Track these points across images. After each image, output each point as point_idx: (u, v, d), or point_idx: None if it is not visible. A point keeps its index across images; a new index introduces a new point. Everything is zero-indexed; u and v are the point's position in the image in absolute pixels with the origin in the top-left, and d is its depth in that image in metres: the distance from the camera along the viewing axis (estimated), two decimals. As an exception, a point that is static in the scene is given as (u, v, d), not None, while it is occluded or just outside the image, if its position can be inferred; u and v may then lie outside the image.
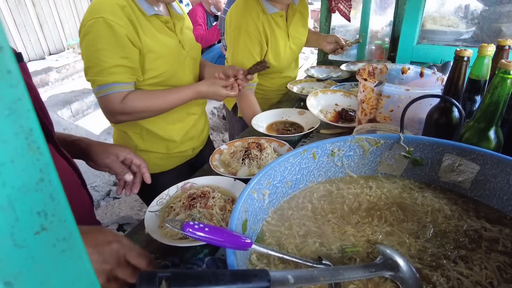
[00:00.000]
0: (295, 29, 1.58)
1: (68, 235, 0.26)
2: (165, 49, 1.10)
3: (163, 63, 1.10)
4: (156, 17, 1.08)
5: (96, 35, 0.97)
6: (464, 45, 1.47)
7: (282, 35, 1.51)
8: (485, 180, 0.62)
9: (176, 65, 1.15)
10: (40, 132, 0.22)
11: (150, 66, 1.07)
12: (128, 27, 0.99)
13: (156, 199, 0.78)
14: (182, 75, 1.19)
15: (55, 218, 0.25)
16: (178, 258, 0.65)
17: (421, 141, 0.67)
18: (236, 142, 1.06)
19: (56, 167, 0.72)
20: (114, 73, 1.00)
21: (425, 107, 0.86)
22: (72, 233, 0.26)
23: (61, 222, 0.25)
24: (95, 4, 0.99)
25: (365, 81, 0.90)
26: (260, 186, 0.56)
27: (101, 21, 0.96)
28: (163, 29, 1.11)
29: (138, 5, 1.04)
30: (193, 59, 1.25)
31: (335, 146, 0.67)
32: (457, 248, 0.53)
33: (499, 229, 0.56)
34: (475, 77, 0.85)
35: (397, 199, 0.65)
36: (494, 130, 0.68)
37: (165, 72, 1.12)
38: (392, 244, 0.54)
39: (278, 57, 1.53)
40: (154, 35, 1.07)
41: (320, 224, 0.59)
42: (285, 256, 0.45)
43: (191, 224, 0.38)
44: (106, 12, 0.97)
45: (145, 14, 1.05)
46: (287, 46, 1.55)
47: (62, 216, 0.25)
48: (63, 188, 0.72)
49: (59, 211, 0.25)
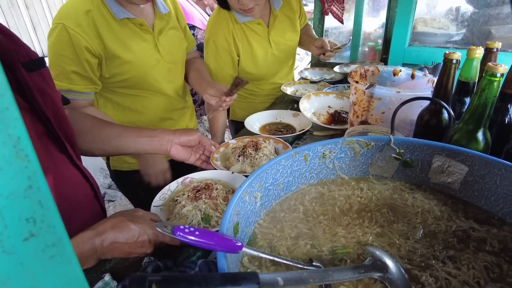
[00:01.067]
0: (280, 35, 1.56)
1: (57, 241, 0.26)
2: (132, 54, 1.09)
3: (130, 68, 1.09)
4: (128, 20, 1.07)
5: (55, 40, 0.98)
6: (455, 47, 1.49)
7: (262, 42, 1.51)
8: (474, 181, 0.63)
9: (145, 70, 1.13)
10: (28, 141, 0.23)
11: (117, 71, 1.08)
12: (89, 36, 0.99)
13: (159, 195, 0.82)
14: (152, 80, 1.17)
15: (44, 224, 0.25)
16: (172, 261, 0.65)
17: (411, 143, 0.68)
18: (245, 139, 1.09)
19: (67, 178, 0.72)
20: (70, 79, 1.00)
21: (416, 108, 0.87)
22: (62, 238, 0.26)
23: (50, 228, 0.25)
24: (61, 8, 1.01)
25: (356, 83, 0.91)
26: (252, 189, 0.57)
27: (61, 27, 0.97)
28: (135, 33, 1.10)
29: (108, 9, 1.03)
30: (170, 63, 1.22)
31: (327, 148, 0.68)
32: (446, 248, 0.54)
33: (486, 229, 0.57)
34: (464, 79, 0.86)
35: (387, 200, 0.66)
36: (482, 131, 0.70)
37: (133, 77, 1.11)
38: (382, 245, 0.55)
39: (256, 65, 1.53)
40: (120, 40, 1.06)
41: (312, 226, 0.59)
42: (275, 258, 0.46)
43: (182, 228, 0.38)
44: (68, 19, 0.97)
45: (114, 18, 1.04)
46: (269, 53, 1.53)
47: (51, 222, 0.25)
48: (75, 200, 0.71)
49: (48, 217, 0.25)
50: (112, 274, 0.67)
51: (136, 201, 1.46)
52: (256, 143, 0.99)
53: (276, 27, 1.53)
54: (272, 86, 1.68)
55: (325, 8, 1.90)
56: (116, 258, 0.70)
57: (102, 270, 0.68)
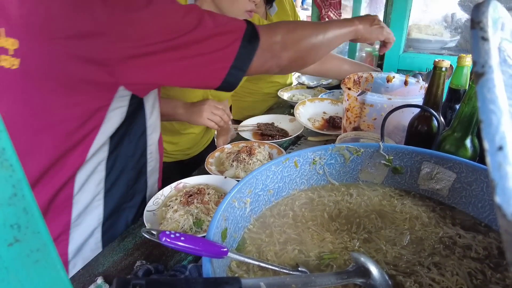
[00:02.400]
0: None
1: (42, 246, 0.27)
2: None
3: None
4: None
5: None
6: (449, 54, 1.50)
7: None
8: (462, 187, 0.64)
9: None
10: (13, 151, 0.24)
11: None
12: None
13: (152, 199, 0.83)
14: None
15: (28, 230, 0.26)
16: (162, 265, 0.66)
17: (400, 150, 0.69)
18: (240, 144, 1.10)
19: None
20: None
21: (409, 115, 0.88)
22: (46, 244, 0.27)
23: (34, 234, 0.26)
24: None
25: (349, 90, 0.92)
26: (241, 195, 0.58)
27: None
28: None
29: None
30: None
31: (317, 154, 0.69)
32: (431, 254, 0.55)
33: (472, 235, 0.58)
34: (455, 87, 0.87)
35: (376, 206, 0.67)
36: (470, 139, 0.71)
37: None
38: (369, 251, 0.56)
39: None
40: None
41: (300, 232, 0.60)
42: (261, 263, 0.46)
43: (167, 234, 0.39)
44: None
45: None
46: None
47: (35, 228, 0.26)
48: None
49: (32, 223, 0.26)
50: (104, 277, 0.67)
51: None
52: (250, 148, 1.01)
53: None
54: (270, 85, 1.69)
55: (322, 14, 1.92)
56: (109, 262, 0.71)
57: (94, 273, 0.69)
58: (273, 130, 1.26)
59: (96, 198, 0.81)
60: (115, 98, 0.72)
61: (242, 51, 0.72)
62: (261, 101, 1.72)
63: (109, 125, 0.74)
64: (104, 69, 0.66)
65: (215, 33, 0.69)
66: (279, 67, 0.80)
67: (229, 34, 0.71)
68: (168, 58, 0.67)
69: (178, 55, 0.68)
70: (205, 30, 0.69)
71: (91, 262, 0.71)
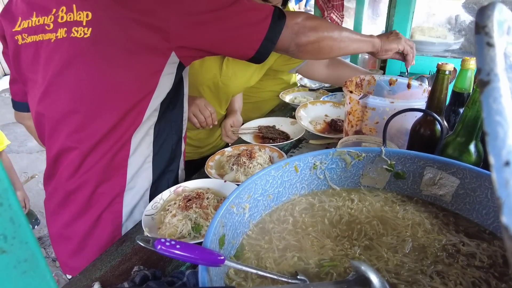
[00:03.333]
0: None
1: (30, 257, 0.26)
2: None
3: None
4: None
5: None
6: (453, 56, 1.49)
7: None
8: (465, 194, 0.63)
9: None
10: None
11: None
12: None
13: (151, 203, 0.82)
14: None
15: (15, 241, 0.25)
16: (160, 271, 0.65)
17: (402, 155, 0.68)
18: (241, 147, 1.09)
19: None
20: None
21: (411, 118, 0.87)
22: (34, 254, 0.27)
23: (22, 244, 0.26)
24: None
25: (350, 93, 0.91)
26: (239, 200, 0.57)
27: None
28: None
29: None
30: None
31: (317, 159, 0.68)
32: (434, 263, 0.53)
33: (476, 243, 0.57)
34: (459, 90, 0.86)
35: (378, 212, 0.65)
36: (474, 144, 0.69)
37: None
38: (370, 259, 0.54)
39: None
40: None
41: (300, 238, 0.59)
42: (259, 272, 0.45)
43: (163, 241, 0.38)
44: None
45: None
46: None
47: (23, 238, 0.26)
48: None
49: (20, 233, 0.25)
50: (101, 283, 0.67)
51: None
52: (251, 151, 1.00)
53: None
54: (273, 83, 1.67)
55: (325, 16, 1.91)
56: (106, 267, 0.70)
57: (92, 279, 0.68)
58: (274, 133, 1.25)
59: (146, 160, 0.89)
60: (167, 64, 0.82)
61: (273, 25, 0.83)
62: (265, 101, 1.70)
63: (161, 90, 0.84)
64: (161, 34, 0.77)
65: (251, 7, 0.82)
66: (297, 45, 0.90)
67: (263, 11, 0.83)
68: (215, 28, 0.79)
69: (223, 25, 0.80)
70: (243, 4, 0.81)
71: (88, 267, 0.71)
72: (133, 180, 0.88)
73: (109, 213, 0.87)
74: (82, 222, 0.87)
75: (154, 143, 0.90)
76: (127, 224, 0.90)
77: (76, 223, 0.87)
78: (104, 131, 0.81)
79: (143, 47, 0.77)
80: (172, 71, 0.85)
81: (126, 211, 0.89)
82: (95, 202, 0.86)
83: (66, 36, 0.77)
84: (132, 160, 0.86)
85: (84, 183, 0.85)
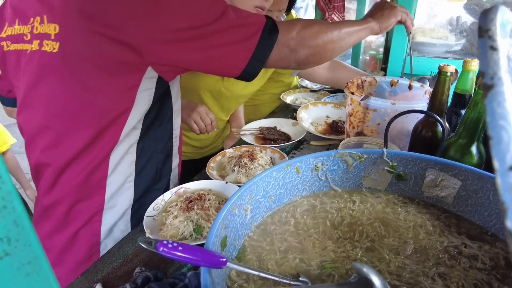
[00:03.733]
0: None
1: (33, 259, 0.26)
2: None
3: None
4: None
5: None
6: (454, 58, 1.49)
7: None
8: (467, 195, 0.63)
9: None
10: (2, 163, 0.23)
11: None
12: None
13: (152, 205, 0.82)
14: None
15: (19, 243, 0.25)
16: (162, 272, 0.65)
17: (404, 156, 0.68)
18: (242, 148, 1.09)
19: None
20: None
21: (413, 119, 0.87)
22: (38, 256, 0.27)
23: (25, 247, 0.26)
24: None
25: (352, 94, 0.91)
26: (241, 202, 0.57)
27: None
28: None
29: None
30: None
31: (319, 160, 0.68)
32: (436, 265, 0.53)
33: (478, 245, 0.57)
34: (460, 91, 0.86)
35: (380, 214, 0.65)
36: (476, 145, 0.69)
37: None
38: (371, 260, 0.54)
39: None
40: None
41: (302, 240, 0.59)
42: (261, 273, 0.45)
43: (165, 243, 0.39)
44: None
45: None
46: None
47: (26, 241, 0.26)
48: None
49: (23, 236, 0.25)
50: (103, 284, 0.67)
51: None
52: (252, 153, 1.00)
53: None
54: (276, 85, 1.67)
55: (326, 17, 1.91)
56: (108, 269, 0.70)
57: (93, 280, 0.68)
58: (275, 134, 1.25)
59: (127, 179, 0.85)
60: (144, 79, 0.76)
61: (262, 43, 0.74)
62: (266, 103, 1.70)
63: (139, 107, 0.79)
64: (134, 51, 0.71)
65: (237, 24, 0.73)
66: (297, 62, 0.82)
67: (251, 26, 0.74)
68: (194, 46, 0.72)
69: (204, 44, 0.72)
70: (229, 20, 0.72)
71: (90, 268, 0.71)
72: (112, 199, 0.84)
73: (87, 231, 0.84)
74: (59, 236, 0.84)
75: (136, 162, 0.85)
76: (106, 241, 0.86)
77: (54, 236, 0.85)
78: (78, 149, 0.77)
79: (115, 63, 0.72)
80: (150, 86, 0.79)
81: (104, 230, 0.85)
82: (73, 219, 0.83)
83: (38, 48, 0.73)
84: (111, 179, 0.82)
85: (60, 199, 0.82)
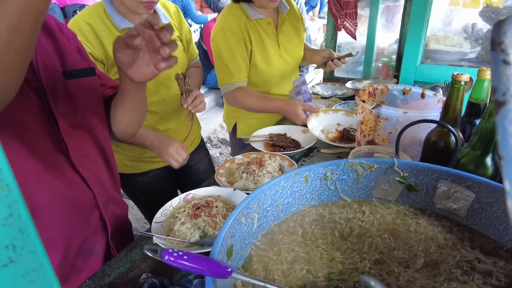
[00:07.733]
0: (287, 39, 1.55)
1: (38, 266, 0.27)
2: None
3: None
4: (129, 30, 1.11)
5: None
6: (469, 66, 1.46)
7: (272, 43, 1.50)
8: (481, 208, 0.61)
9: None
10: (9, 171, 0.23)
11: (116, 77, 1.13)
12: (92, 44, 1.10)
13: (161, 211, 0.82)
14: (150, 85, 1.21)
15: (24, 251, 0.25)
16: (168, 279, 0.65)
17: (415, 167, 0.66)
18: (251, 155, 1.09)
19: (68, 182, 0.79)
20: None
21: (425, 129, 0.85)
22: (42, 264, 0.27)
23: (30, 254, 0.26)
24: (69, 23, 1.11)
25: (363, 102, 0.90)
26: (248, 211, 0.56)
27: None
28: None
29: (110, 19, 1.12)
30: (163, 74, 1.21)
31: (328, 169, 0.67)
32: (447, 280, 0.52)
33: (493, 261, 0.55)
34: (475, 101, 0.84)
35: (390, 225, 0.64)
36: (491, 157, 0.67)
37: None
38: (380, 273, 0.53)
39: (269, 62, 1.51)
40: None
41: (309, 250, 0.58)
42: (266, 284, 0.45)
43: (170, 252, 0.38)
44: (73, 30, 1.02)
45: (116, 28, 1.13)
46: (278, 54, 1.52)
47: (31, 248, 0.26)
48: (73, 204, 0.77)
49: (28, 243, 0.26)
50: (110, 289, 0.67)
51: (138, 203, 1.48)
52: (260, 160, 0.99)
53: (283, 30, 1.53)
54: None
55: (338, 24, 1.90)
56: (115, 274, 0.70)
57: (100, 285, 0.68)
58: (285, 141, 1.25)
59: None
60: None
61: None
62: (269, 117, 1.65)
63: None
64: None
65: None
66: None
67: None
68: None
69: None
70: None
71: (97, 273, 0.71)
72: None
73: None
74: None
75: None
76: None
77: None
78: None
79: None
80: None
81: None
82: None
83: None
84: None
85: None
